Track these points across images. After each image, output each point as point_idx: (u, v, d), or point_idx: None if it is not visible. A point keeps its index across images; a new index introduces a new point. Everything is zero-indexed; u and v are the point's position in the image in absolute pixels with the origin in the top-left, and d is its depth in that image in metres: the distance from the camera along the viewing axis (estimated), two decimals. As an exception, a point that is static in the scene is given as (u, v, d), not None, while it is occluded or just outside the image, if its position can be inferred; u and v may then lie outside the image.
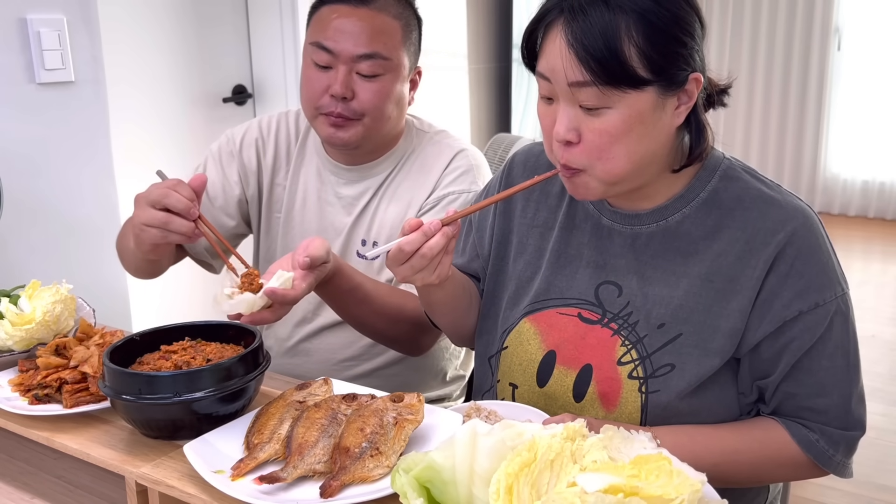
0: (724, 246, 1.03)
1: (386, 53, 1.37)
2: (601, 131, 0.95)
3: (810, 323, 1.00)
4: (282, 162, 1.56)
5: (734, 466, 1.02)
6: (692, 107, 0.99)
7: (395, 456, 0.87)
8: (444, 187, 1.46)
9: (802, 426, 1.03)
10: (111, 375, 0.97)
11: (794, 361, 1.01)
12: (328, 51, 1.36)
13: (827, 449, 1.02)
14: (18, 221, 1.92)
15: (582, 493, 0.62)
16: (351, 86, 1.37)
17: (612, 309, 1.08)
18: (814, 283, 1.00)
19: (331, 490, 0.83)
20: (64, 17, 1.97)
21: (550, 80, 0.97)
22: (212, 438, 0.94)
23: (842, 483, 2.40)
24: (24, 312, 1.20)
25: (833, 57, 5.57)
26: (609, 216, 1.11)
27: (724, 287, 1.02)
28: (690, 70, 0.96)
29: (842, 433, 1.03)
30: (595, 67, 0.91)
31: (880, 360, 3.35)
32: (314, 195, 1.53)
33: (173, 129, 2.62)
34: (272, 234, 1.57)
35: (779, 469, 1.05)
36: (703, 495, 0.64)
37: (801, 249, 1.00)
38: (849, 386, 1.03)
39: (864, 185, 5.69)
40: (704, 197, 1.05)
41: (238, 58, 2.81)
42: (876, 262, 4.93)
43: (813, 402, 1.02)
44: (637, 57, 0.92)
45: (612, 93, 0.92)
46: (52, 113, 1.98)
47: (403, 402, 0.94)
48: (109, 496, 1.06)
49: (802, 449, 1.02)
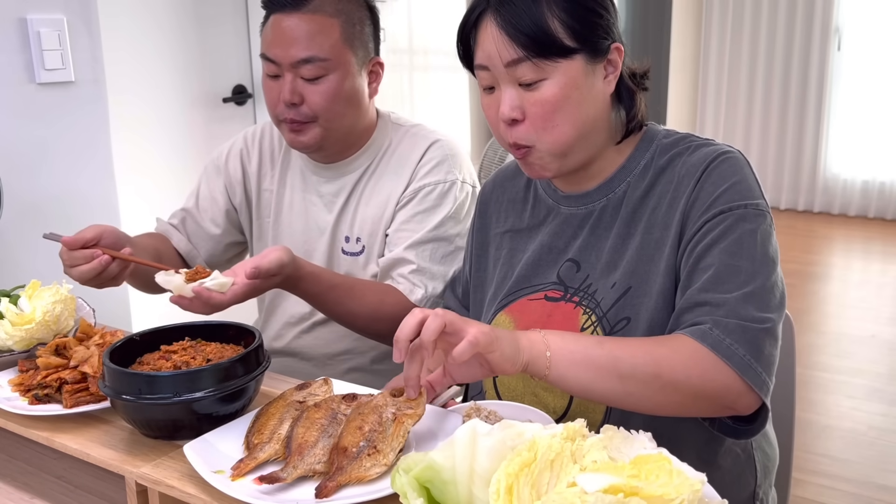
0: (657, 199, 1.09)
1: (323, 55, 1.38)
2: (542, 102, 1.03)
3: (713, 226, 1.02)
4: (266, 168, 1.60)
5: (620, 344, 0.95)
6: (619, 76, 1.08)
7: (392, 453, 0.87)
8: (420, 179, 1.47)
9: (696, 323, 0.98)
10: (111, 375, 0.97)
11: (693, 259, 1.02)
12: (272, 61, 1.40)
13: (723, 338, 0.94)
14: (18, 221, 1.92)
15: (582, 493, 0.62)
16: (298, 91, 1.39)
17: (573, 284, 1.14)
18: (721, 197, 1.03)
19: (326, 491, 0.82)
20: (64, 17, 1.97)
21: (489, 67, 1.05)
22: (212, 438, 0.94)
23: (842, 483, 2.40)
24: (24, 312, 1.20)
25: (833, 57, 5.57)
26: (565, 203, 1.18)
27: (661, 234, 1.07)
28: (611, 40, 1.06)
29: (738, 322, 0.95)
30: (526, 42, 1.01)
31: (880, 360, 3.35)
32: (300, 196, 1.56)
33: (173, 128, 2.61)
34: (263, 239, 1.60)
35: (675, 355, 0.94)
36: (703, 495, 0.64)
37: (715, 172, 1.05)
38: (748, 285, 0.98)
39: (864, 185, 5.68)
40: (644, 163, 1.12)
41: (238, 58, 2.81)
42: (876, 262, 4.93)
43: (708, 296, 0.98)
44: (562, 28, 1.02)
45: (545, 64, 1.02)
46: (52, 113, 1.98)
47: (403, 397, 0.94)
48: (109, 496, 1.06)
49: (696, 339, 0.95)
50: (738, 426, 1.01)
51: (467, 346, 0.86)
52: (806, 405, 2.91)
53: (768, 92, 5.80)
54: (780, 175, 5.81)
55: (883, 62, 5.46)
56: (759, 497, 1.19)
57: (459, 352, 0.86)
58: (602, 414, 1.09)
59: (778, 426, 1.27)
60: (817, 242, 5.20)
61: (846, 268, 4.82)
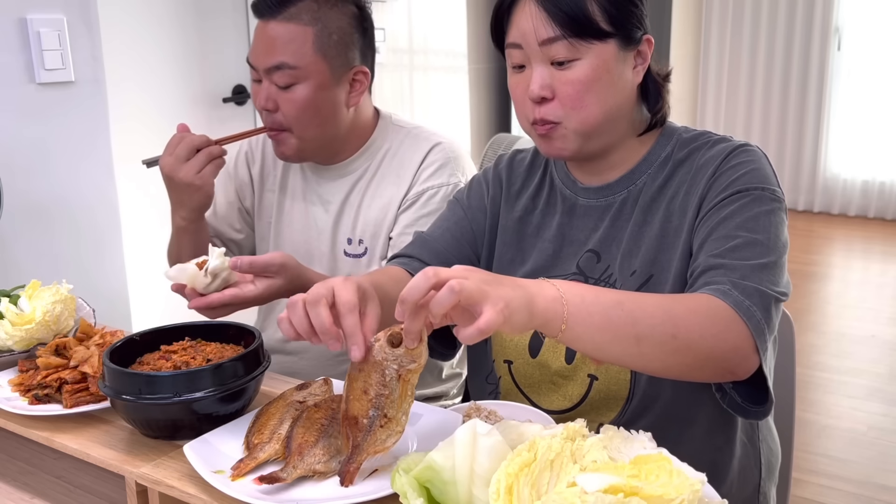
0: (675, 189, 1.11)
1: (293, 62, 1.38)
2: (574, 81, 1.06)
3: (730, 202, 1.04)
4: (269, 169, 1.61)
5: (640, 304, 0.90)
6: (647, 69, 1.12)
7: (404, 416, 0.85)
8: (422, 182, 1.47)
9: (712, 286, 0.96)
10: (111, 375, 0.97)
11: (708, 230, 1.03)
12: (253, 66, 1.42)
13: (743, 299, 0.94)
14: (18, 221, 1.92)
15: (582, 493, 0.62)
16: (272, 98, 1.41)
17: (594, 275, 1.14)
18: (740, 179, 1.05)
19: (350, 475, 0.83)
20: (64, 17, 1.97)
21: (522, 46, 1.07)
22: (212, 438, 0.94)
23: (842, 483, 2.41)
24: (24, 312, 1.20)
25: (833, 57, 5.57)
26: (584, 195, 1.18)
27: (679, 221, 1.09)
28: (643, 31, 1.09)
29: (755, 287, 0.95)
30: (564, 20, 1.04)
31: (880, 360, 3.34)
32: (300, 195, 1.57)
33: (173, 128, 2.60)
34: (266, 240, 1.62)
35: (694, 316, 0.92)
36: (703, 495, 0.64)
37: (734, 160, 1.07)
38: (764, 257, 0.99)
39: (864, 185, 5.68)
40: (664, 156, 1.14)
41: (238, 58, 2.81)
42: (876, 262, 4.93)
43: (724, 261, 0.98)
44: (599, 11, 1.05)
45: (580, 44, 1.05)
46: (52, 113, 1.98)
47: (402, 348, 0.84)
48: (109, 496, 1.06)
49: (718, 297, 0.94)
50: (746, 406, 1.00)
51: (475, 333, 0.77)
52: (806, 405, 2.91)
53: (768, 92, 5.80)
54: (780, 175, 5.77)
55: (883, 62, 5.46)
56: (762, 491, 1.19)
57: (466, 336, 0.78)
58: (623, 400, 1.10)
59: (778, 426, 1.27)
60: (817, 242, 5.20)
61: (846, 268, 4.83)
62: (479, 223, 1.27)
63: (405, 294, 0.78)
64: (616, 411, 1.11)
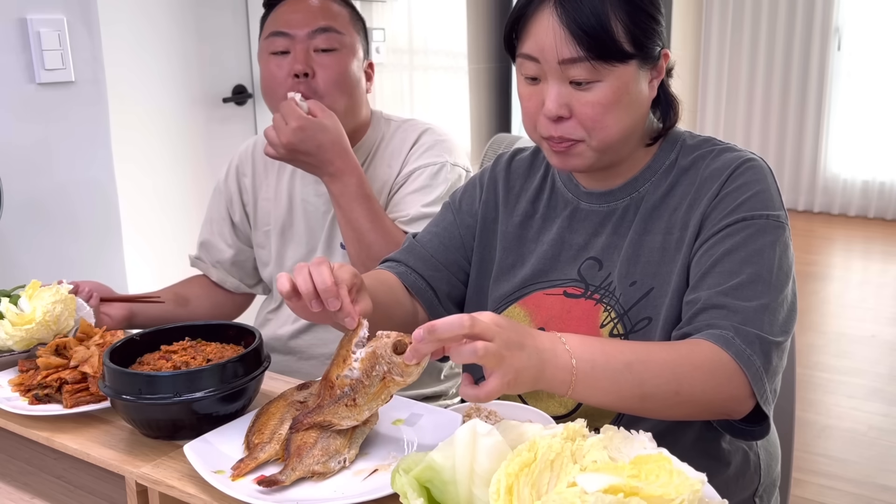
0: (678, 200, 1.10)
1: (340, 28, 1.44)
2: (594, 103, 1.03)
3: (733, 232, 1.02)
4: (261, 179, 1.62)
5: (648, 366, 0.92)
6: (661, 81, 1.09)
7: (368, 412, 0.88)
8: (412, 163, 1.49)
9: (715, 330, 0.97)
10: (111, 375, 0.97)
11: (712, 261, 1.02)
12: (285, 34, 1.43)
13: (744, 347, 0.94)
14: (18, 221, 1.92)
15: (582, 493, 0.62)
16: (310, 63, 1.42)
17: (594, 282, 1.13)
18: (745, 205, 1.03)
19: (303, 425, 0.88)
20: (64, 17, 1.97)
21: (538, 60, 1.03)
22: (212, 438, 0.94)
23: (842, 483, 2.40)
24: (24, 312, 1.20)
25: (833, 57, 5.57)
26: (586, 200, 1.17)
27: (680, 234, 1.08)
28: (662, 46, 1.07)
29: (756, 333, 0.96)
30: (589, 44, 1.00)
31: (880, 360, 3.34)
32: (298, 196, 1.57)
33: (173, 128, 2.62)
34: (266, 248, 1.61)
35: (697, 372, 0.93)
36: (703, 495, 0.64)
37: (739, 179, 1.05)
38: (765, 297, 0.98)
39: (864, 185, 5.68)
40: (668, 163, 1.13)
41: (238, 58, 2.81)
42: (876, 262, 4.93)
43: (727, 300, 0.98)
44: (623, 32, 1.01)
45: (602, 67, 1.01)
46: (52, 113, 1.98)
47: (401, 359, 0.86)
48: (109, 496, 1.06)
49: (721, 346, 0.94)
50: (741, 425, 1.01)
51: (474, 399, 0.83)
52: (806, 405, 2.91)
53: (768, 92, 5.80)
54: (781, 175, 5.80)
55: (883, 62, 5.46)
56: (760, 494, 1.19)
57: (466, 396, 0.83)
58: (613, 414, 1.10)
59: (778, 426, 1.27)
60: (817, 242, 5.20)
61: (846, 268, 4.82)
62: (469, 228, 1.26)
63: (440, 329, 0.79)
64: (610, 419, 1.10)
